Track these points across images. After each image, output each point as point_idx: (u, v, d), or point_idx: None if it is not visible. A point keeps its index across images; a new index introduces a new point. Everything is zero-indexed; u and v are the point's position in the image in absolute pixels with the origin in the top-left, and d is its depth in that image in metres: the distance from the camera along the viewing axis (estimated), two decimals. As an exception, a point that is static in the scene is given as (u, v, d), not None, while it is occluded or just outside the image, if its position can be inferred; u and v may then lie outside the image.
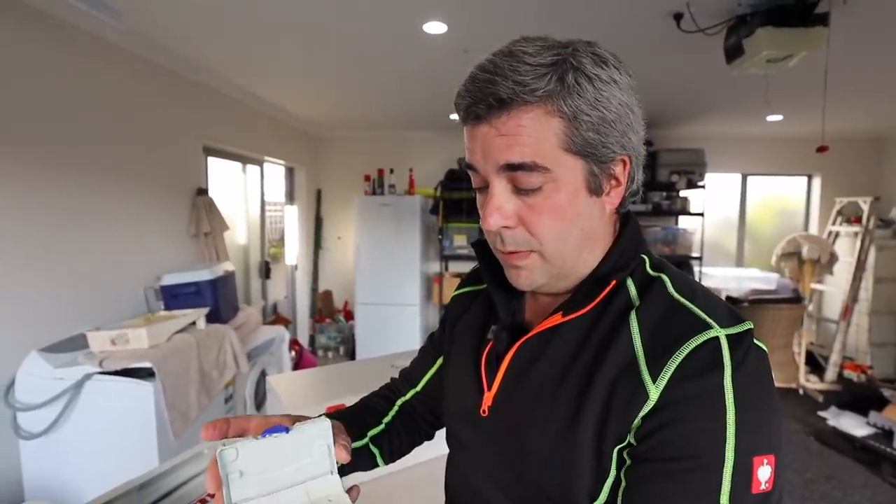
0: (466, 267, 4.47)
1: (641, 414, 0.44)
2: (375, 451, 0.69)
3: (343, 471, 0.51)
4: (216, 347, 2.10)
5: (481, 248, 0.61)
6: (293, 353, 3.51)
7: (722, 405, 0.41)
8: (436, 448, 0.70)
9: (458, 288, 0.75)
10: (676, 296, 0.49)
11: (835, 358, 3.99)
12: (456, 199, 4.27)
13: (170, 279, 2.32)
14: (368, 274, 4.28)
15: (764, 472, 0.41)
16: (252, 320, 2.66)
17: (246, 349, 2.36)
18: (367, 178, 4.36)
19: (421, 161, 4.61)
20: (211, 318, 2.24)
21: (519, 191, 0.49)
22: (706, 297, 0.49)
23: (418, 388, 0.76)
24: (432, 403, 0.74)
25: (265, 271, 4.03)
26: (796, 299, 4.05)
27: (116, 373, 1.71)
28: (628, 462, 0.45)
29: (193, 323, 2.10)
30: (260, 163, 3.89)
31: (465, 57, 2.44)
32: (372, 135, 4.76)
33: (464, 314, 0.69)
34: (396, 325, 4.29)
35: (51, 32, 1.91)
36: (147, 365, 1.70)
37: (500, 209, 0.49)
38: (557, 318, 0.53)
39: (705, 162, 4.14)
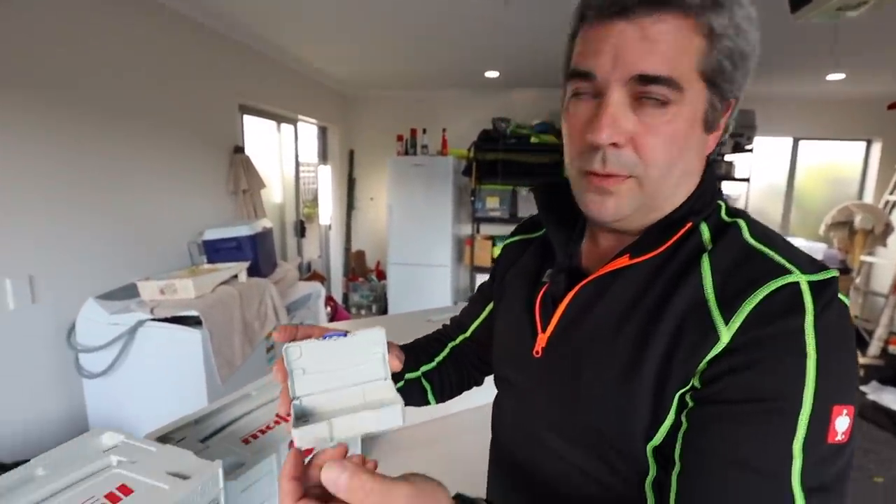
0: (498, 229, 4.45)
1: (710, 356, 0.42)
2: (427, 386, 0.71)
3: None
4: (257, 300, 2.18)
5: (541, 190, 0.61)
6: (328, 308, 3.61)
7: (802, 349, 0.39)
8: (484, 396, 0.72)
9: (509, 237, 0.74)
10: (752, 241, 0.47)
11: (880, 332, 3.83)
12: (490, 160, 4.19)
13: (211, 234, 2.39)
14: (400, 234, 4.31)
15: (842, 423, 0.39)
16: (290, 276, 2.73)
17: (284, 303, 2.44)
18: (400, 138, 4.33)
19: (454, 121, 4.53)
20: (251, 273, 2.32)
21: (638, 107, 0.45)
22: (785, 245, 0.46)
23: (467, 333, 0.77)
24: (481, 350, 0.75)
25: (300, 230, 4.11)
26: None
27: (166, 320, 1.80)
28: (690, 405, 0.44)
29: (235, 276, 2.17)
30: (294, 122, 3.91)
31: (505, 8, 2.34)
32: (405, 94, 4.68)
33: (516, 262, 0.68)
34: (428, 285, 4.34)
35: (94, -15, 1.93)
36: (194, 313, 1.79)
37: (615, 123, 0.45)
38: (623, 261, 0.51)
39: (755, 125, 3.91)
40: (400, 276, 4.38)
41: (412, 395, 0.69)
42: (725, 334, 0.42)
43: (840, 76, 3.56)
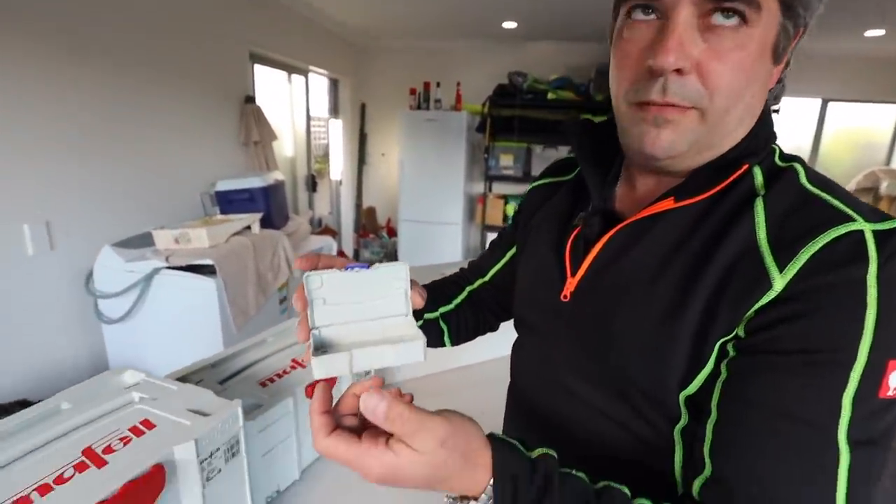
0: (511, 188, 4.38)
1: (759, 304, 0.40)
2: (444, 327, 0.71)
3: None
4: (270, 251, 2.19)
5: (577, 128, 0.58)
6: (339, 264, 3.63)
7: (862, 300, 0.37)
8: (505, 347, 0.72)
9: (536, 180, 0.72)
10: (810, 187, 0.44)
11: None
12: (505, 116, 4.08)
13: (224, 185, 2.38)
14: (412, 191, 4.27)
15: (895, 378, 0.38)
16: (302, 229, 2.74)
17: (296, 256, 2.45)
18: (413, 91, 4.21)
19: (469, 75, 4.38)
20: (264, 225, 2.32)
21: (707, 30, 0.42)
22: (844, 192, 0.43)
23: (486, 277, 0.76)
24: (499, 295, 0.74)
25: (312, 185, 4.08)
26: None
27: (181, 268, 1.82)
28: (732, 354, 0.42)
29: (249, 227, 2.18)
30: (305, 73, 3.81)
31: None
32: (418, 45, 4.52)
33: (543, 205, 0.66)
34: (438, 243, 4.33)
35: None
36: (209, 262, 1.80)
37: (682, 46, 0.41)
38: (667, 204, 0.48)
39: (784, 83, 3.74)
40: (411, 233, 4.38)
41: (428, 335, 0.68)
42: (779, 281, 0.40)
43: (880, 32, 3.36)
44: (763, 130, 0.48)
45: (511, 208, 4.24)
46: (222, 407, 0.60)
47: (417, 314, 0.65)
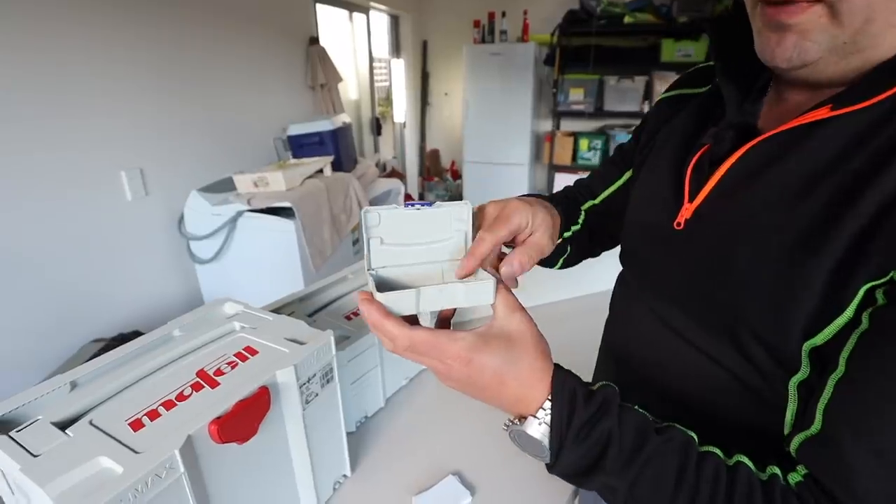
0: (581, 125, 4.14)
1: None
2: (568, 248, 0.67)
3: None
4: (342, 193, 2.24)
5: (718, 29, 0.49)
6: (406, 206, 3.67)
7: None
8: (597, 283, 0.68)
9: (666, 91, 0.63)
10: None
11: None
12: (576, 46, 3.78)
13: (295, 129, 2.43)
14: (476, 132, 4.15)
15: None
16: (370, 172, 2.76)
17: (367, 198, 2.50)
18: (477, 23, 3.99)
19: (536, 2, 4.07)
20: (334, 168, 2.36)
21: None
22: None
23: (597, 200, 0.70)
24: (608, 220, 0.68)
25: (376, 128, 4.08)
26: None
27: (262, 211, 1.91)
28: (881, 302, 0.35)
29: (321, 171, 2.22)
30: (366, 10, 3.70)
31: None
32: (482, -29, 4.23)
33: (670, 120, 0.58)
34: (504, 185, 4.24)
35: None
36: (287, 205, 1.87)
37: None
38: (821, 113, 0.40)
39: None
40: (475, 175, 4.30)
41: (551, 256, 0.65)
42: None
43: None
44: None
45: (584, 145, 4.02)
46: (316, 336, 0.62)
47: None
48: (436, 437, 0.79)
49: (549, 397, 0.39)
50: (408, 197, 3.84)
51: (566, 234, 0.65)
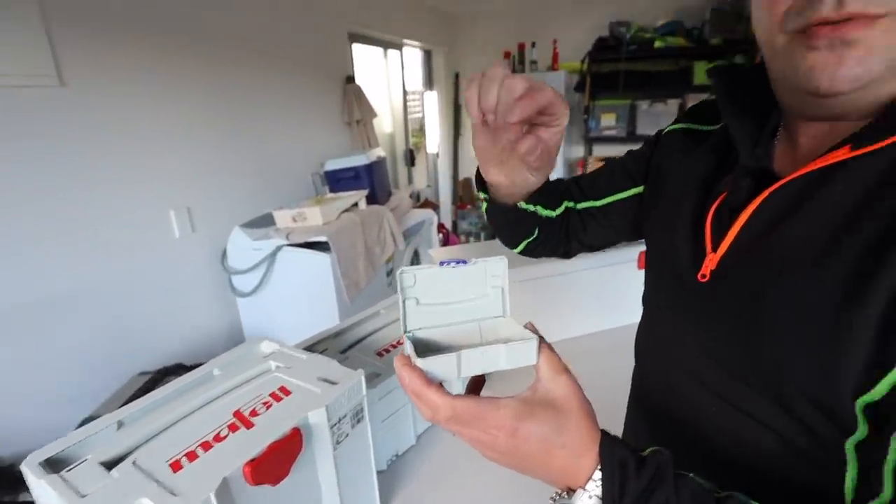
0: (613, 150, 4.10)
1: None
2: (535, 230, 0.65)
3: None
4: (377, 226, 2.29)
5: (723, 74, 0.49)
6: (440, 235, 3.71)
7: None
8: (623, 317, 0.67)
9: (671, 124, 0.62)
10: None
11: None
12: (605, 72, 3.80)
13: (332, 165, 2.52)
14: (509, 160, 4.18)
15: None
16: (404, 204, 2.82)
17: (401, 229, 2.54)
18: (507, 55, 4.07)
19: (565, 32, 4.12)
20: (369, 200, 2.42)
21: None
22: None
23: (598, 203, 0.67)
24: (599, 228, 0.66)
25: (410, 159, 4.17)
26: None
27: (300, 245, 1.98)
28: None
29: (356, 204, 2.29)
30: (399, 47, 3.85)
31: None
32: (510, 7, 4.33)
33: (680, 160, 0.57)
34: (537, 211, 4.22)
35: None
36: (323, 239, 1.93)
37: None
38: (841, 154, 0.38)
39: None
40: (509, 202, 4.31)
41: (516, 224, 0.64)
42: None
43: None
44: None
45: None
46: (347, 375, 0.63)
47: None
48: (468, 476, 0.78)
49: (599, 467, 0.37)
50: (440, 227, 3.88)
51: (537, 209, 0.62)
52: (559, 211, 0.66)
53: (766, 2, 0.39)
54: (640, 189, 0.64)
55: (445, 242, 3.88)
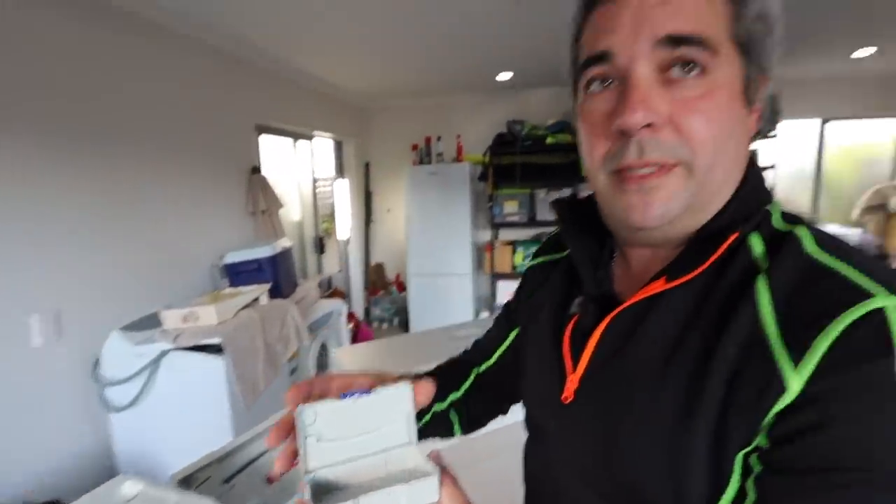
0: (517, 234, 4.37)
1: (776, 409, 0.34)
2: (454, 418, 0.65)
3: (423, 434, 0.47)
4: (279, 322, 2.16)
5: (563, 206, 0.54)
6: (350, 325, 3.59)
7: (892, 399, 0.31)
8: (512, 415, 0.67)
9: (533, 258, 0.67)
10: (817, 255, 0.37)
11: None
12: (505, 164, 4.13)
13: (233, 257, 2.39)
14: (420, 245, 4.27)
15: None
16: (311, 295, 2.71)
17: (307, 323, 2.42)
18: (415, 147, 4.31)
19: (468, 127, 4.48)
20: (272, 294, 2.30)
21: (669, 84, 0.39)
22: (861, 257, 0.36)
23: (491, 361, 0.70)
24: (507, 377, 0.68)
25: (319, 246, 4.11)
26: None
27: (190, 348, 1.79)
28: (757, 470, 0.35)
29: (257, 299, 2.15)
30: (310, 137, 3.92)
31: (517, 8, 2.30)
32: (418, 103, 4.66)
33: (541, 286, 0.61)
34: (449, 294, 4.28)
35: (105, 19, 1.95)
36: (217, 341, 1.76)
37: (647, 101, 0.38)
38: (658, 285, 0.43)
39: (780, 110, 3.76)
40: (421, 287, 4.34)
41: (439, 427, 0.64)
42: (795, 381, 0.33)
43: (871, 50, 3.39)
44: (753, 189, 0.44)
45: (520, 256, 4.21)
46: (222, 525, 0.54)
47: (426, 408, 0.60)
48: None
49: None
50: (350, 316, 3.77)
51: (439, 407, 0.63)
52: (468, 384, 0.68)
53: (587, 149, 0.45)
54: (516, 331, 0.67)
55: (356, 332, 3.74)
